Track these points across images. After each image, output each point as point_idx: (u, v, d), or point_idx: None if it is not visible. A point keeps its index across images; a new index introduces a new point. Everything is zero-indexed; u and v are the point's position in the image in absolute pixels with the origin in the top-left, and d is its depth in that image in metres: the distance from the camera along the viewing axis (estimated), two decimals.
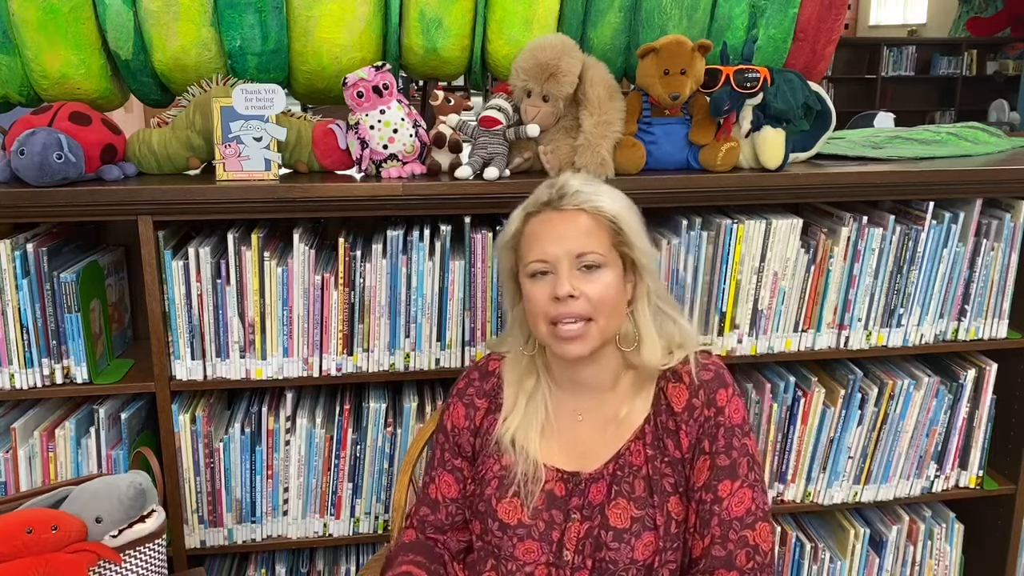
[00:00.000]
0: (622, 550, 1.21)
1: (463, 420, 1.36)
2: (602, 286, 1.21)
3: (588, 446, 1.29)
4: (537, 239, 1.24)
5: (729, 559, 1.20)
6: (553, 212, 1.24)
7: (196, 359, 1.59)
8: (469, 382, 1.39)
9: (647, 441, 1.27)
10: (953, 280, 1.75)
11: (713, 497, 1.22)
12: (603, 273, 1.22)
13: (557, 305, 1.20)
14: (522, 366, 1.34)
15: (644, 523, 1.22)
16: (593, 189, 1.25)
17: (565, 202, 1.24)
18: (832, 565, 1.90)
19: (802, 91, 1.62)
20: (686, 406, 1.26)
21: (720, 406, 1.25)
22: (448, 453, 1.37)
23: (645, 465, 1.25)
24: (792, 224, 1.65)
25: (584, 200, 1.23)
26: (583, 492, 1.26)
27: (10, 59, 1.61)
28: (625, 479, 1.25)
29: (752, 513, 1.22)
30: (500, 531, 1.26)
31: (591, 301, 1.20)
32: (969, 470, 1.87)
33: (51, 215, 1.52)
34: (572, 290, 1.19)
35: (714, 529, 1.21)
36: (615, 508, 1.24)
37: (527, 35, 1.66)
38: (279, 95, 1.53)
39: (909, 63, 8.68)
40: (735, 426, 1.24)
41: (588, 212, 1.23)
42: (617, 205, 1.25)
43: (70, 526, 1.33)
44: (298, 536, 1.73)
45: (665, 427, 1.27)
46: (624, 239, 1.24)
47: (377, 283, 1.60)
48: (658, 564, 1.22)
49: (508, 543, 1.25)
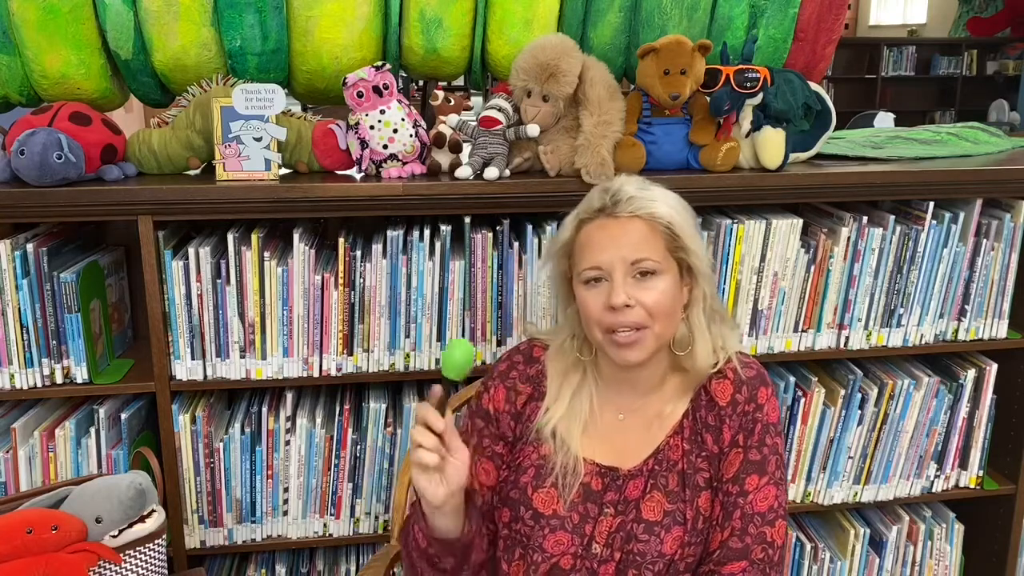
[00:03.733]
0: (651, 543, 1.22)
1: (504, 404, 1.33)
2: (658, 293, 1.20)
3: (628, 444, 1.29)
4: (591, 247, 1.22)
5: (745, 551, 1.21)
6: (607, 219, 1.22)
7: (196, 359, 1.59)
8: (512, 365, 1.36)
9: (685, 436, 1.27)
10: (953, 280, 1.75)
11: (739, 490, 1.23)
12: (658, 280, 1.20)
13: (613, 314, 1.19)
14: (568, 360, 1.32)
15: (675, 517, 1.23)
16: (647, 194, 1.23)
17: (619, 209, 1.21)
18: (832, 565, 1.91)
19: (802, 91, 1.62)
20: (730, 401, 1.26)
21: (760, 403, 1.26)
22: (488, 439, 1.33)
23: (681, 460, 1.26)
24: (792, 224, 1.65)
25: (639, 206, 1.21)
26: (620, 488, 1.26)
27: (10, 59, 1.61)
28: (662, 473, 1.25)
29: (774, 511, 1.23)
30: (532, 520, 1.25)
31: (647, 308, 1.19)
32: (969, 470, 1.87)
33: (51, 215, 1.52)
34: (627, 299, 1.18)
35: (735, 521, 1.22)
36: (649, 502, 1.24)
37: (527, 35, 1.66)
38: (279, 95, 1.53)
39: (909, 63, 8.68)
40: (771, 424, 1.26)
41: (643, 218, 1.21)
42: (672, 210, 1.23)
43: (70, 526, 1.33)
44: (298, 536, 1.73)
45: (704, 422, 1.27)
46: (679, 244, 1.22)
47: (377, 283, 1.60)
48: (679, 557, 1.22)
49: (539, 533, 1.25)
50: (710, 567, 1.22)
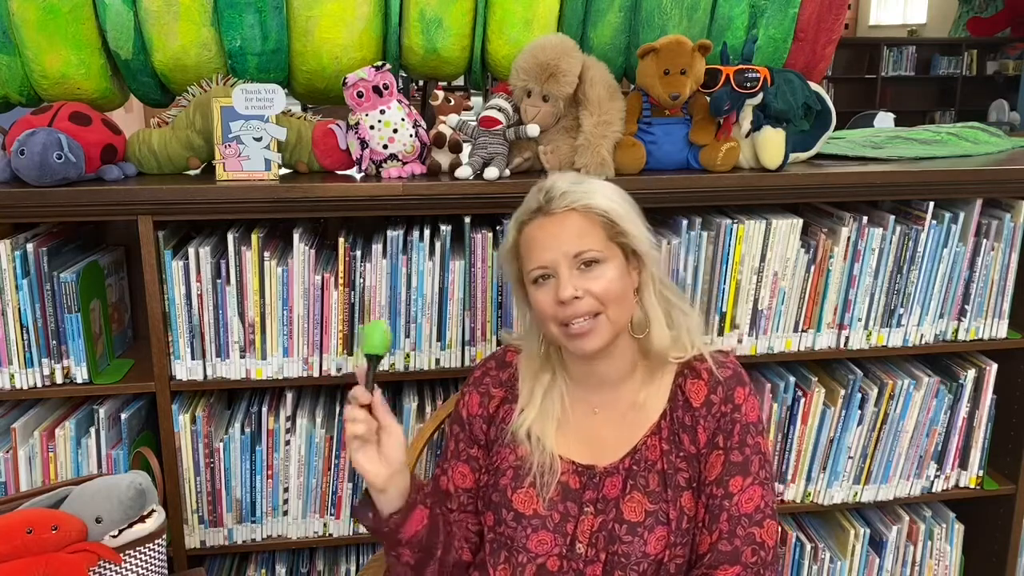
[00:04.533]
0: (635, 543, 1.22)
1: (477, 408, 1.36)
2: (605, 281, 1.22)
3: (604, 440, 1.30)
4: (533, 246, 1.25)
5: (735, 554, 1.21)
6: (544, 218, 1.24)
7: (196, 359, 1.59)
8: (485, 371, 1.39)
9: (663, 436, 1.27)
10: (953, 280, 1.75)
11: (724, 492, 1.23)
12: (604, 268, 1.22)
13: (564, 308, 1.21)
14: (538, 362, 1.35)
15: (657, 517, 1.23)
16: (580, 188, 1.25)
17: (554, 205, 1.24)
18: (832, 565, 1.91)
19: (802, 91, 1.62)
20: (704, 401, 1.27)
21: (738, 403, 1.26)
22: (463, 443, 1.36)
23: (660, 460, 1.26)
24: (792, 224, 1.65)
25: (573, 200, 1.23)
26: (597, 486, 1.27)
27: (10, 59, 1.61)
28: (640, 473, 1.26)
29: (761, 511, 1.23)
30: (515, 521, 1.27)
31: (596, 296, 1.21)
32: (969, 470, 1.87)
33: (51, 215, 1.52)
34: (575, 291, 1.20)
35: (722, 524, 1.22)
36: (630, 502, 1.24)
37: (527, 35, 1.66)
38: (279, 95, 1.53)
39: (909, 63, 8.68)
40: (750, 424, 1.26)
41: (579, 211, 1.23)
42: (606, 199, 1.25)
43: (70, 526, 1.33)
44: (298, 536, 1.73)
45: (681, 422, 1.27)
46: (619, 230, 1.24)
47: (377, 283, 1.60)
48: (667, 559, 1.23)
49: (522, 533, 1.26)
50: (702, 571, 1.22)
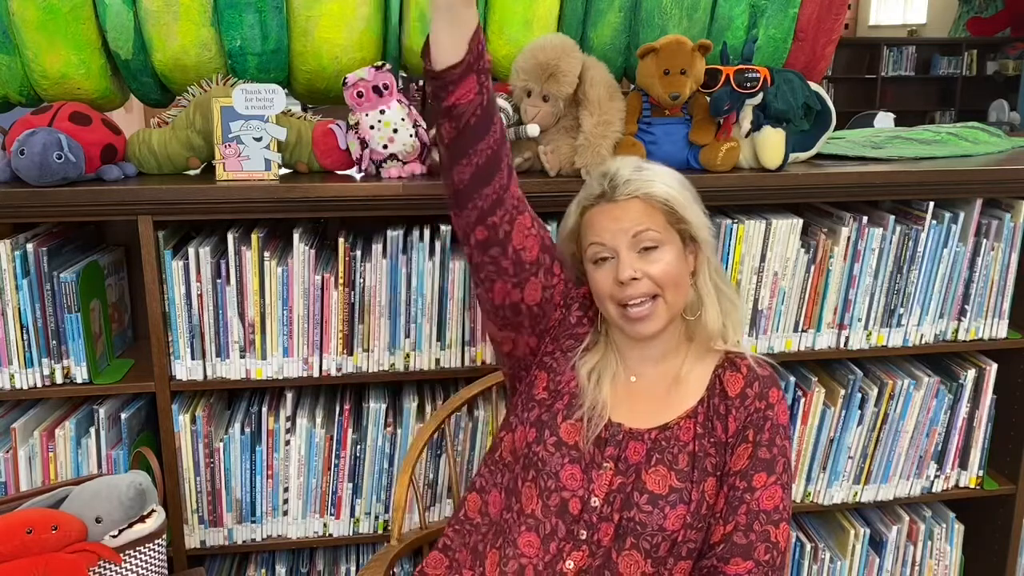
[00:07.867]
0: (654, 515, 1.23)
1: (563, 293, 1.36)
2: (663, 264, 1.25)
3: (636, 407, 1.32)
4: (595, 229, 1.28)
5: (748, 549, 1.22)
6: (607, 203, 1.28)
7: (196, 359, 1.59)
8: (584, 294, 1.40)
9: (699, 420, 1.29)
10: (953, 280, 1.75)
11: (746, 485, 1.24)
12: (662, 252, 1.25)
13: (623, 288, 1.24)
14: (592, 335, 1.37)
15: (681, 496, 1.25)
16: (643, 175, 1.28)
17: (617, 193, 1.27)
18: (832, 565, 1.91)
19: (802, 91, 1.62)
20: (740, 393, 1.29)
21: (771, 402, 1.28)
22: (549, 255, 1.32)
23: (693, 442, 1.28)
24: (792, 224, 1.65)
25: (636, 188, 1.26)
26: (620, 444, 1.28)
27: (10, 59, 1.61)
28: (669, 449, 1.27)
29: (779, 511, 1.24)
30: (555, 447, 1.28)
31: (654, 279, 1.24)
32: (969, 470, 1.87)
33: (51, 215, 1.52)
34: (634, 272, 1.23)
35: (740, 517, 1.23)
36: (655, 474, 1.26)
37: (527, 35, 1.66)
38: (279, 95, 1.53)
39: (909, 63, 8.67)
40: (780, 425, 1.28)
41: (640, 199, 1.26)
42: (667, 187, 1.28)
43: (70, 526, 1.33)
44: (298, 536, 1.73)
45: (716, 410, 1.30)
46: (679, 216, 1.27)
47: (377, 283, 1.60)
48: (681, 539, 1.24)
49: (558, 461, 1.27)
50: (713, 561, 1.23)
